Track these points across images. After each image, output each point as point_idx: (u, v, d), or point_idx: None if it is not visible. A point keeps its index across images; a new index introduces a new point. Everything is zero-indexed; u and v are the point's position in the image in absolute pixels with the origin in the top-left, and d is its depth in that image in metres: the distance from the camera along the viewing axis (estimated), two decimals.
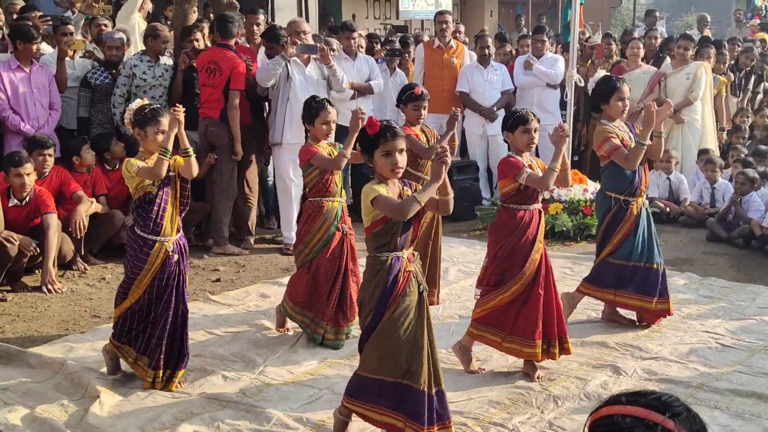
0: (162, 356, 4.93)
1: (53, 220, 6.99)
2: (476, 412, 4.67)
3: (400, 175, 4.11)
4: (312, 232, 5.72)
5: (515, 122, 5.13)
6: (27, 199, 7.02)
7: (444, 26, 9.88)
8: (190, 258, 7.77)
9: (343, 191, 5.91)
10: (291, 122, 7.87)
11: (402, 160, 4.07)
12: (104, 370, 5.15)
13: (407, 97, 6.37)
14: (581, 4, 9.54)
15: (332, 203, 5.75)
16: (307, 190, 5.89)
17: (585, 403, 4.79)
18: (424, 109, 6.42)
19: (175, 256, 4.96)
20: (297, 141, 6.08)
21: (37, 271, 7.17)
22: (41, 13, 9.05)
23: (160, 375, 4.94)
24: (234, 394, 4.91)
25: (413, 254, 4.15)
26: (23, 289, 6.93)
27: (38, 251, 6.84)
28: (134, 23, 9.60)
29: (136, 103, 5.01)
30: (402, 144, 4.07)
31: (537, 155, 10.00)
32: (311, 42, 8.12)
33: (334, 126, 5.84)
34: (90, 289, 7.05)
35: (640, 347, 5.63)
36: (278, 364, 5.37)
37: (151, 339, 4.95)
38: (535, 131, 5.10)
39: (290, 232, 7.93)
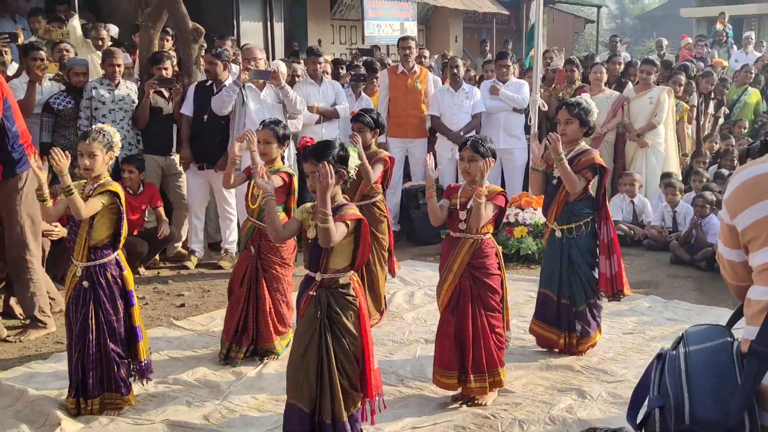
0: (72, 383, 4.92)
1: None
2: None
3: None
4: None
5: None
6: None
7: (407, 51, 9.92)
8: (155, 283, 7.84)
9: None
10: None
11: (312, 182, 4.08)
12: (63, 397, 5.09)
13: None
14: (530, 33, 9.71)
15: (248, 222, 5.96)
16: None
17: (550, 427, 4.80)
18: (358, 132, 6.60)
19: (85, 283, 4.88)
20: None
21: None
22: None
23: (72, 402, 4.91)
24: (197, 420, 4.86)
25: (331, 278, 4.12)
26: None
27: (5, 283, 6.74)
28: (83, 50, 9.51)
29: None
30: (310, 167, 4.08)
31: (503, 181, 10.14)
32: (263, 67, 8.20)
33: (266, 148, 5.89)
34: (53, 315, 6.95)
35: (605, 370, 5.65)
36: (242, 390, 5.33)
37: (69, 363, 4.97)
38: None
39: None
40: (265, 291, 5.83)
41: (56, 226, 7.37)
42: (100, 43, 9.83)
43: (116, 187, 4.91)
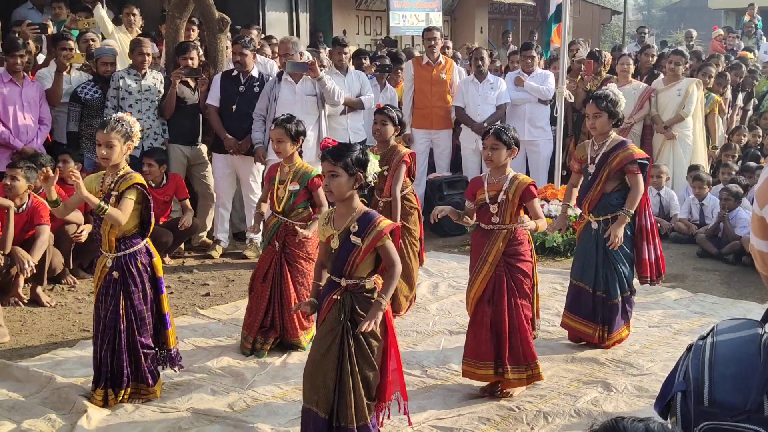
0: (100, 374, 4.91)
1: (45, 232, 6.94)
2: (466, 429, 4.65)
3: (331, 197, 4.11)
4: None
5: None
6: (24, 207, 6.97)
7: (432, 42, 9.87)
8: (180, 272, 7.88)
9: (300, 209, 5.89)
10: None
11: (329, 182, 4.05)
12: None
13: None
14: (557, 24, 9.59)
15: (272, 218, 5.92)
16: None
17: (575, 419, 4.78)
18: (381, 125, 6.59)
19: (115, 273, 4.85)
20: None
21: (27, 285, 7.11)
22: (29, 21, 9.07)
23: (100, 393, 4.90)
24: (222, 409, 4.88)
25: (356, 284, 4.07)
26: (9, 302, 6.88)
27: (35, 273, 6.77)
28: (115, 41, 9.55)
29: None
30: (327, 167, 4.04)
31: (527, 173, 10.07)
32: (301, 59, 8.16)
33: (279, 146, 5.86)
34: (79, 303, 7.02)
35: (631, 363, 5.62)
36: (267, 380, 5.35)
37: (96, 353, 4.96)
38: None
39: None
40: (290, 285, 5.81)
41: (82, 230, 7.37)
42: (132, 18, 9.90)
43: (139, 178, 4.90)
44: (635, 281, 6.03)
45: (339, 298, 4.06)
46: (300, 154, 5.99)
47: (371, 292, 4.08)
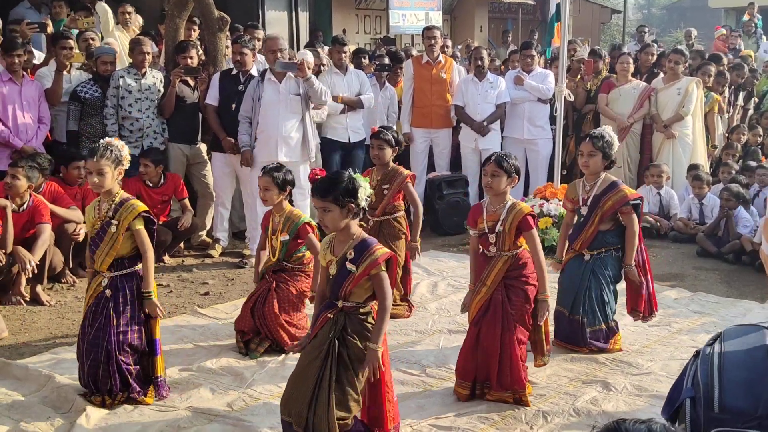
0: (94, 386, 4.91)
1: (46, 232, 6.94)
2: (465, 428, 4.65)
3: (327, 230, 4.11)
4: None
5: None
6: (25, 206, 6.97)
7: (432, 41, 9.87)
8: (180, 271, 7.88)
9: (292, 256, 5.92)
10: (259, 141, 8.00)
11: (322, 217, 4.04)
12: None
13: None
14: (557, 23, 9.57)
15: (270, 261, 5.91)
16: None
17: (574, 419, 4.77)
18: (379, 149, 6.54)
19: (107, 291, 4.86)
20: (265, 159, 6.23)
21: (27, 284, 7.09)
22: (29, 20, 9.07)
23: (97, 399, 4.89)
24: (221, 408, 4.88)
25: (353, 306, 4.07)
26: (9, 301, 6.88)
27: (36, 272, 6.77)
28: (114, 39, 9.56)
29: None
30: (317, 203, 4.03)
31: (527, 172, 10.06)
32: (286, 58, 8.15)
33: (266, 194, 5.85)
34: (78, 302, 7.01)
35: (630, 363, 5.61)
36: (266, 379, 5.35)
37: (83, 365, 4.95)
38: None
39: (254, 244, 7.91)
40: (274, 308, 5.77)
41: (81, 228, 7.36)
42: (128, 17, 9.91)
43: (141, 206, 4.91)
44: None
45: (333, 316, 4.08)
46: (291, 202, 5.98)
47: (366, 315, 4.08)
